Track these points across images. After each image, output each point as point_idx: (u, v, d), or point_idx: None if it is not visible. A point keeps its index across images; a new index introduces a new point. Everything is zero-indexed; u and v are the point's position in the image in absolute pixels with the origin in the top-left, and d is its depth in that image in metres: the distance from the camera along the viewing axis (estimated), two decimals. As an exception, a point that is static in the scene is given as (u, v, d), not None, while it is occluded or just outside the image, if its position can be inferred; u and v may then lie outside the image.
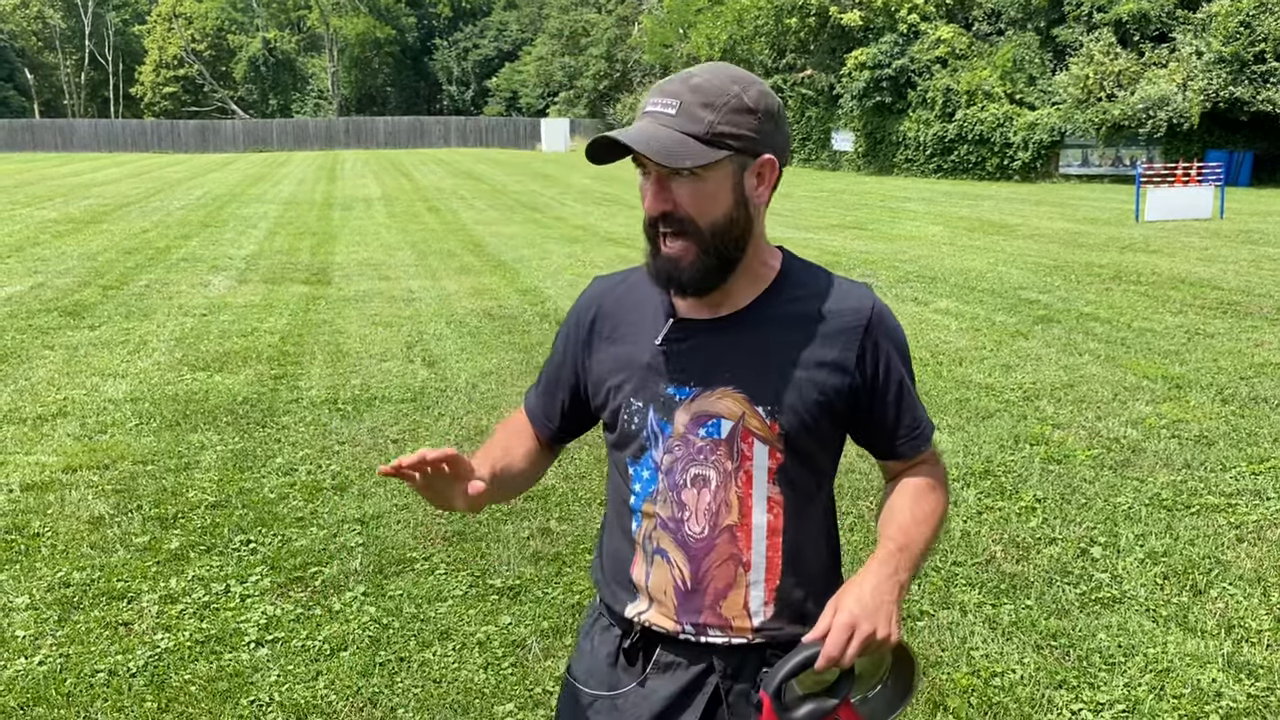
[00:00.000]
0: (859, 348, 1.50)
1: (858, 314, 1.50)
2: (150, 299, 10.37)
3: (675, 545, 1.50)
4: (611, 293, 1.61)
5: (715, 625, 1.51)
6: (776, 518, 1.50)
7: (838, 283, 1.54)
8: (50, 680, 3.35)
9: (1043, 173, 27.56)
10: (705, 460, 1.48)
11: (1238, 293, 9.97)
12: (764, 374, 1.47)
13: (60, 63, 72.22)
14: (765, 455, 1.48)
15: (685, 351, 1.49)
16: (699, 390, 1.48)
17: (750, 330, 1.49)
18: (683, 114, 1.38)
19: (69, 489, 5.06)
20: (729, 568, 1.49)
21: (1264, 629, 3.59)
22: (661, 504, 1.51)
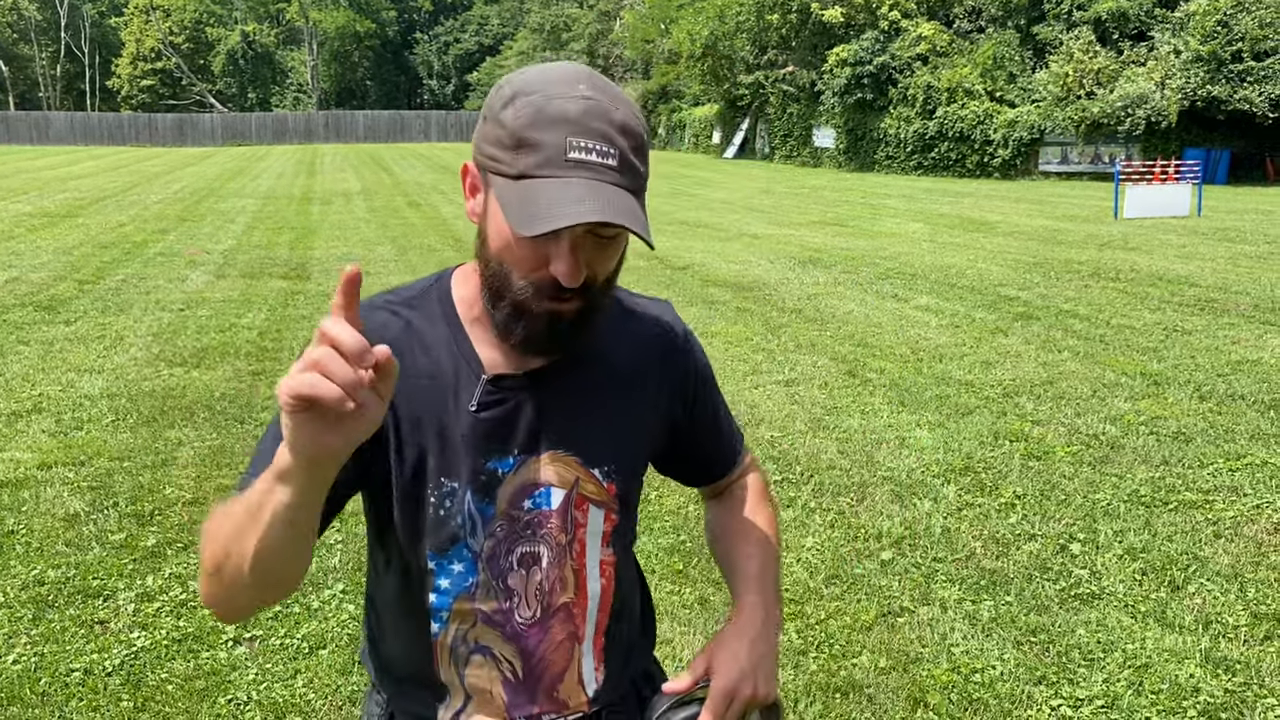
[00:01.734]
0: (677, 377, 1.37)
1: (670, 340, 1.37)
2: (127, 294, 10.27)
3: (503, 639, 1.29)
4: (381, 335, 1.21)
5: (551, 711, 1.33)
6: (609, 580, 1.34)
7: (641, 304, 1.38)
8: (24, 679, 3.31)
9: (1022, 170, 27.70)
10: (534, 536, 1.27)
11: (1215, 290, 10.05)
12: (596, 429, 1.29)
13: (36, 55, 71.49)
14: (600, 520, 1.31)
15: (503, 416, 1.24)
16: (523, 458, 1.25)
17: (574, 378, 1.28)
18: (624, 168, 1.12)
19: (44, 486, 5.00)
20: (565, 648, 1.32)
21: (1241, 624, 3.61)
22: (483, 598, 1.27)
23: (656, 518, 4.57)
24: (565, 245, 1.12)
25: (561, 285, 1.14)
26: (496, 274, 1.18)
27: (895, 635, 3.57)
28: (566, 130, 1.10)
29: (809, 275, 11.34)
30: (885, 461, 5.30)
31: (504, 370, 1.25)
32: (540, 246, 1.13)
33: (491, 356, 1.25)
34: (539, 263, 1.14)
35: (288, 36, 75.68)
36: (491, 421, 1.24)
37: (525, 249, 1.13)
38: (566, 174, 1.09)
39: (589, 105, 1.11)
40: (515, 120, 1.11)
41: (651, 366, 1.34)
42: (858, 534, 4.43)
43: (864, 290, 10.35)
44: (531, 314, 1.17)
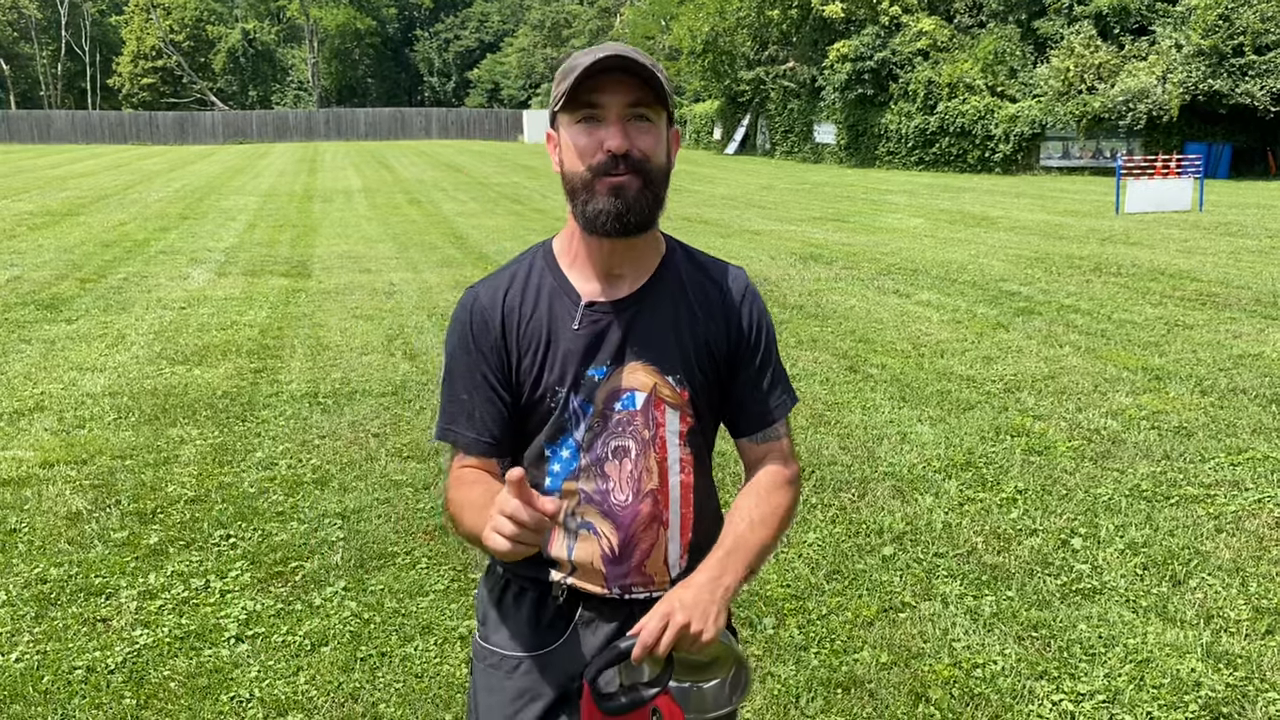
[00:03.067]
0: (739, 316, 1.65)
1: (736, 288, 1.66)
2: (128, 292, 10.28)
3: (601, 516, 1.58)
4: (505, 293, 1.62)
5: (639, 583, 1.61)
6: (689, 476, 1.62)
7: (715, 261, 1.70)
8: (27, 677, 3.32)
9: (1023, 165, 27.66)
10: (624, 432, 1.58)
11: (1217, 284, 10.04)
12: (668, 346, 1.59)
13: (36, 53, 71.47)
14: (676, 420, 1.60)
15: (598, 333, 1.57)
16: (614, 368, 1.57)
17: (651, 307, 1.60)
18: (646, 61, 1.48)
19: (46, 484, 5.01)
20: (653, 530, 1.60)
21: (1242, 619, 3.61)
22: (585, 479, 1.59)
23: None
24: (611, 121, 1.48)
25: (615, 157, 1.47)
26: (571, 181, 1.53)
27: (896, 630, 3.58)
28: (596, 51, 1.48)
29: (810, 271, 11.34)
30: (886, 457, 5.30)
31: (598, 298, 1.59)
32: (595, 136, 1.49)
33: (587, 289, 1.59)
34: (595, 149, 1.49)
35: (288, 34, 75.64)
36: (588, 337, 1.58)
37: (583, 139, 1.50)
38: (589, 56, 1.47)
39: (618, 43, 1.56)
40: (563, 63, 1.52)
41: (717, 307, 1.64)
42: (859, 529, 4.43)
43: (865, 286, 10.34)
44: (600, 193, 1.49)
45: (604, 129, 1.48)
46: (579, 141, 1.50)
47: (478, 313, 1.62)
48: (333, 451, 5.47)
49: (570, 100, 1.48)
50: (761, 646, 3.48)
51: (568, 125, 1.52)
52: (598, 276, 1.60)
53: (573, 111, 1.49)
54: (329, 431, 5.80)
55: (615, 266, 1.59)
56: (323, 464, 5.28)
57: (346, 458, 5.36)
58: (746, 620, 3.66)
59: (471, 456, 1.62)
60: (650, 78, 1.47)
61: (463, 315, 1.64)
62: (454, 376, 1.64)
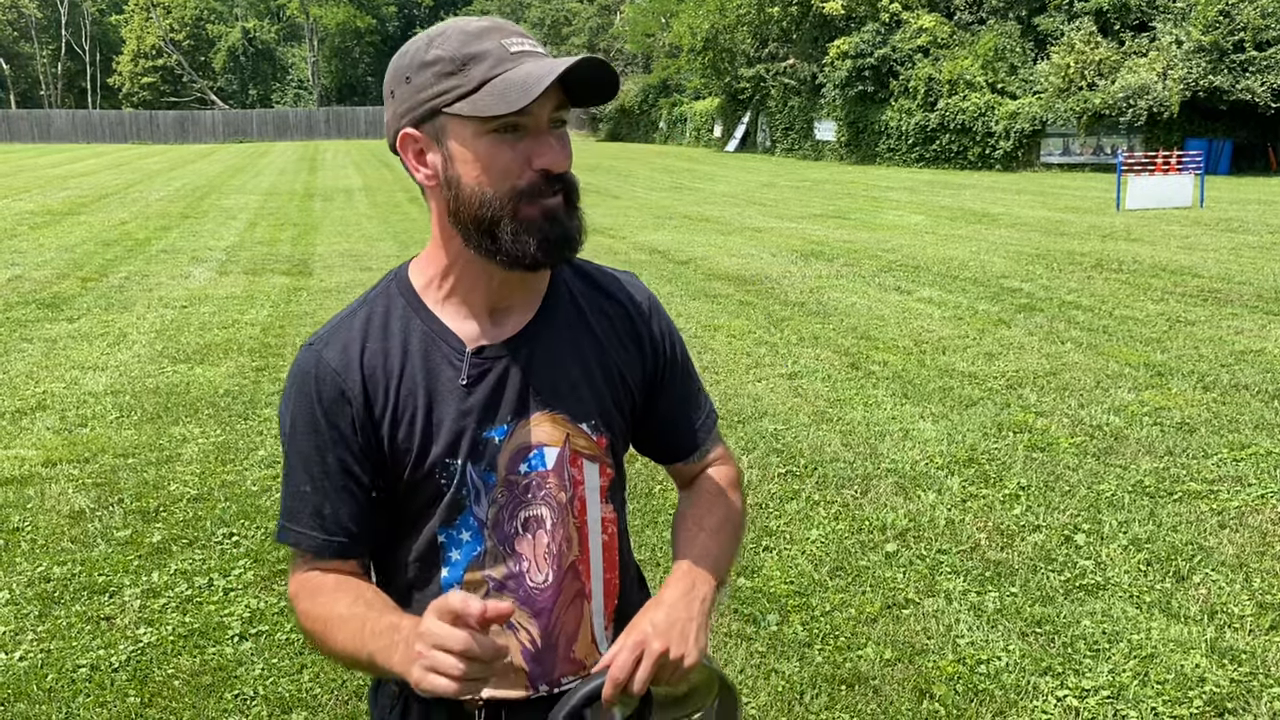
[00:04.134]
0: (650, 334, 1.40)
1: (640, 304, 1.41)
2: (130, 291, 10.28)
3: (517, 605, 1.30)
4: (362, 349, 1.28)
5: (569, 672, 1.35)
6: (611, 537, 1.37)
7: (607, 272, 1.43)
8: (31, 676, 3.32)
9: (1024, 162, 27.64)
10: (535, 499, 1.30)
11: (1218, 280, 10.03)
12: (578, 385, 1.32)
13: (36, 53, 71.45)
14: (596, 474, 1.34)
15: (493, 385, 1.28)
16: (516, 423, 1.29)
17: (549, 342, 1.32)
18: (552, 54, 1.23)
19: (49, 483, 5.01)
20: (576, 607, 1.34)
21: (1246, 614, 3.61)
22: (492, 564, 1.30)
23: (661, 511, 4.57)
24: (544, 134, 1.20)
25: (549, 176, 1.20)
26: (483, 207, 1.21)
27: (900, 627, 3.58)
28: (497, 35, 1.19)
29: (811, 268, 11.33)
30: (889, 454, 5.30)
31: (483, 341, 1.29)
32: (519, 149, 1.19)
33: (468, 331, 1.29)
34: (522, 166, 1.19)
35: (288, 33, 75.60)
36: (482, 392, 1.28)
37: (505, 154, 1.19)
38: (518, 61, 1.17)
39: (494, 19, 1.23)
40: (447, 48, 1.19)
41: (623, 326, 1.38)
42: (862, 526, 4.43)
43: (866, 283, 10.34)
44: (532, 221, 1.20)
45: (530, 141, 1.19)
46: (498, 158, 1.19)
47: (327, 380, 1.27)
48: (335, 449, 5.46)
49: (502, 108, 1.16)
50: (765, 643, 3.48)
51: (472, 134, 1.18)
52: (477, 315, 1.29)
53: (488, 120, 1.17)
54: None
55: (504, 300, 1.30)
56: (325, 462, 5.27)
57: (349, 456, 5.35)
58: (750, 617, 3.66)
59: (322, 560, 1.30)
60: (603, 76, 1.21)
61: (304, 385, 1.28)
62: (295, 465, 1.29)
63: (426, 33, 1.23)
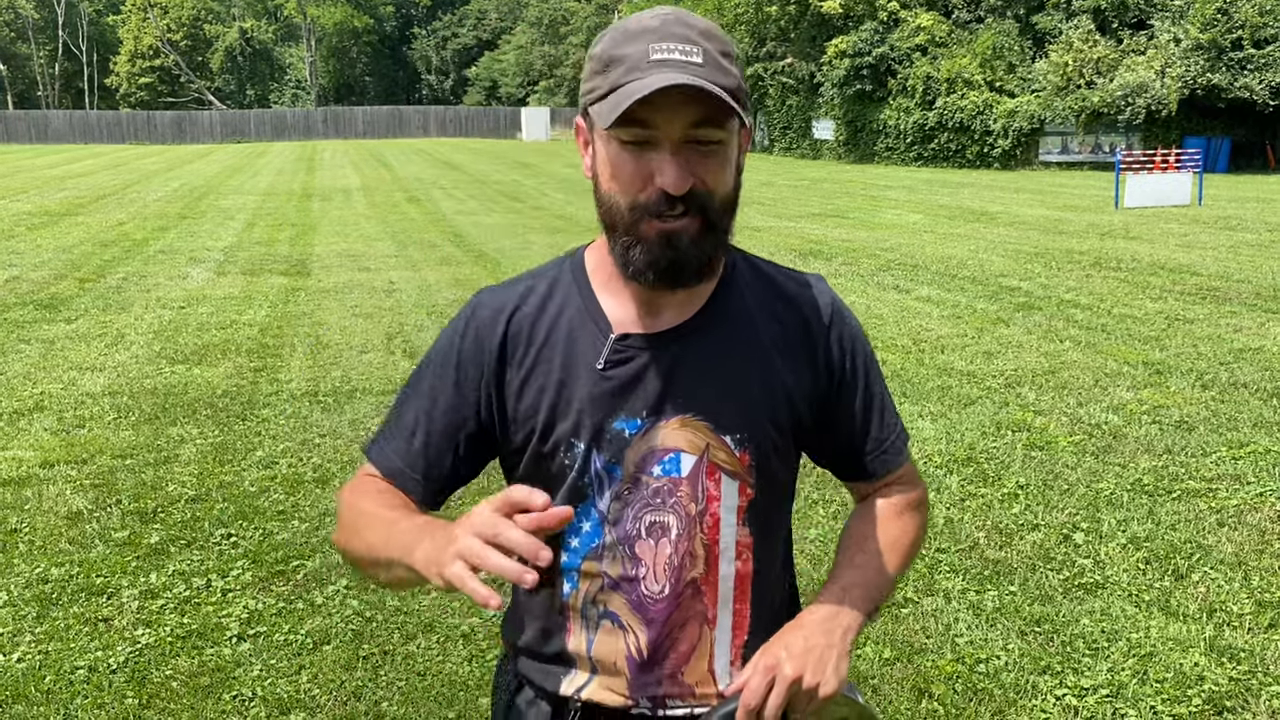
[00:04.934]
0: (827, 345, 1.30)
1: (819, 310, 1.30)
2: (128, 291, 10.27)
3: (629, 608, 1.25)
4: (514, 310, 1.28)
5: (676, 696, 1.27)
6: (745, 564, 1.27)
7: (790, 275, 1.34)
8: (29, 677, 3.31)
9: (1022, 160, 27.66)
10: (663, 504, 1.23)
11: (1216, 278, 10.03)
12: (727, 394, 1.24)
13: (33, 54, 71.40)
14: (734, 492, 1.25)
15: (632, 375, 1.23)
16: (652, 421, 1.23)
17: (705, 341, 1.24)
18: (710, 65, 1.11)
19: (46, 484, 5.00)
20: (693, 628, 1.26)
21: (1245, 612, 3.61)
22: (609, 561, 1.24)
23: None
24: (665, 151, 1.12)
25: (670, 197, 1.13)
26: (610, 208, 1.18)
27: (899, 626, 3.57)
28: (648, 39, 1.12)
29: (810, 267, 11.29)
30: (888, 453, 5.29)
31: (633, 330, 1.24)
32: (643, 162, 1.13)
33: (621, 316, 1.25)
34: (644, 180, 1.14)
35: (286, 33, 75.58)
36: (618, 380, 1.23)
37: (629, 166, 1.14)
38: (648, 71, 1.10)
39: (669, 17, 1.15)
40: (603, 46, 1.16)
41: (794, 335, 1.28)
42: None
43: (865, 282, 10.34)
44: (648, 240, 1.16)
45: (656, 155, 1.13)
46: (622, 166, 1.15)
47: (473, 329, 1.29)
48: (333, 450, 5.46)
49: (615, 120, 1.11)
50: (764, 643, 3.48)
51: (606, 138, 1.16)
52: (636, 302, 1.24)
53: (618, 127, 1.12)
54: (329, 430, 5.79)
55: (660, 293, 1.24)
56: (324, 462, 5.27)
57: (347, 456, 5.35)
58: None
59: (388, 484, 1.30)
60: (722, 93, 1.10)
61: (457, 325, 1.31)
62: (412, 391, 1.31)
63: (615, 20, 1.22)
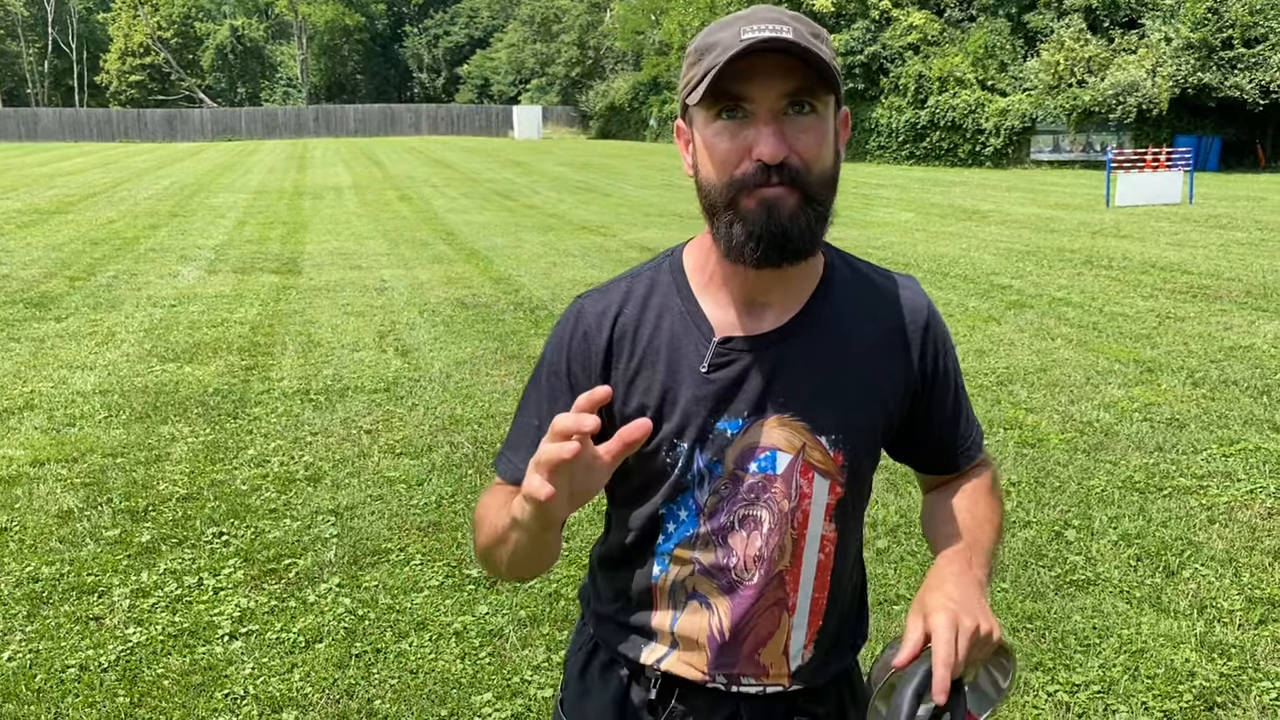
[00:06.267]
0: (921, 348, 1.33)
1: (915, 313, 1.34)
2: (118, 290, 10.24)
3: (718, 592, 1.31)
4: (618, 313, 1.31)
5: (751, 674, 1.33)
6: (828, 556, 1.32)
7: (886, 275, 1.37)
8: (20, 676, 3.30)
9: (1014, 159, 27.72)
10: (757, 500, 1.27)
11: (1207, 277, 10.07)
12: (825, 396, 1.27)
13: (23, 51, 71.11)
14: (825, 491, 1.29)
15: (734, 377, 1.26)
16: (751, 421, 1.26)
17: (804, 343, 1.27)
18: (802, 39, 1.13)
19: (37, 483, 4.98)
20: (774, 614, 1.32)
21: (1235, 609, 3.62)
22: (702, 549, 1.30)
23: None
24: (761, 121, 1.15)
25: (766, 167, 1.15)
26: (709, 195, 1.21)
27: (892, 623, 3.58)
28: (740, 24, 1.15)
29: (802, 265, 11.33)
30: (880, 450, 5.30)
31: (734, 333, 1.27)
32: (740, 139, 1.16)
33: (722, 319, 1.28)
34: (740, 155, 1.16)
35: (277, 30, 75.38)
36: (721, 382, 1.26)
37: (725, 143, 1.17)
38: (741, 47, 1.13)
39: (759, 6, 1.19)
40: (697, 41, 1.20)
41: (890, 337, 1.32)
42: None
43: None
44: (749, 212, 1.18)
45: (752, 128, 1.15)
46: (718, 145, 1.18)
47: (580, 332, 1.31)
48: (325, 448, 5.45)
49: (707, 91, 1.15)
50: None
51: (703, 122, 1.19)
52: (736, 304, 1.27)
53: (710, 105, 1.16)
54: (321, 428, 5.78)
55: (761, 294, 1.27)
56: (315, 461, 5.26)
57: (339, 454, 5.34)
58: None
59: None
60: (816, 59, 1.13)
61: (562, 330, 1.33)
62: (531, 400, 1.34)
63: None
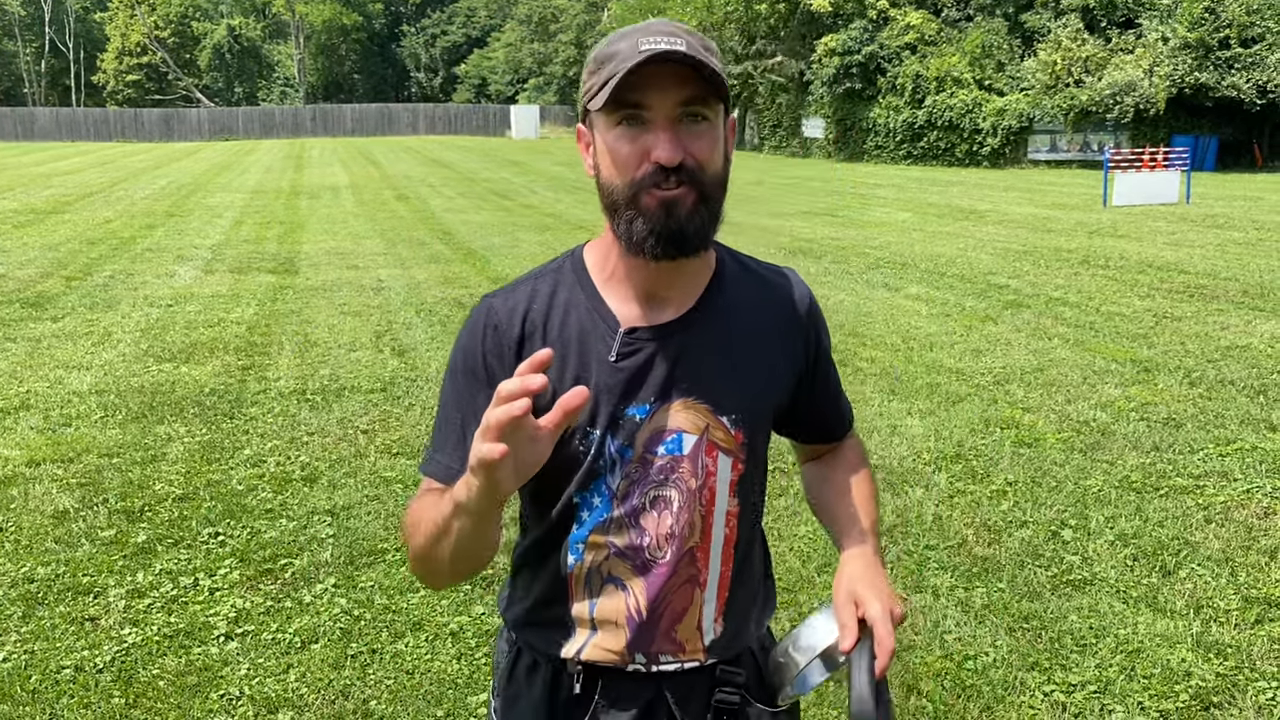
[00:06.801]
0: (805, 336, 1.46)
1: (800, 301, 1.47)
2: (115, 290, 10.22)
3: (633, 573, 1.38)
4: (526, 311, 1.38)
5: (668, 652, 1.41)
6: (732, 531, 1.42)
7: (771, 269, 1.50)
8: (15, 677, 3.29)
9: (1011, 159, 27.73)
10: (666, 480, 1.36)
11: (1204, 276, 10.07)
12: (725, 379, 1.38)
13: (20, 50, 71.00)
14: (728, 468, 1.39)
15: (640, 365, 1.35)
16: (657, 406, 1.35)
17: (702, 331, 1.38)
18: (694, 51, 1.23)
19: (32, 483, 4.97)
20: (686, 590, 1.40)
21: (1232, 609, 3.62)
22: (616, 532, 1.37)
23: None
24: (659, 127, 1.25)
25: (665, 169, 1.24)
26: (611, 195, 1.30)
27: (888, 623, 3.58)
28: (637, 35, 1.26)
29: (799, 265, 11.33)
30: (877, 450, 5.30)
31: (638, 324, 1.36)
32: (639, 142, 1.25)
33: (626, 312, 1.36)
34: (640, 157, 1.26)
35: (274, 30, 75.29)
36: (629, 370, 1.34)
37: (625, 146, 1.26)
38: (640, 58, 1.22)
39: (654, 21, 1.31)
40: (596, 51, 1.30)
41: (780, 323, 1.44)
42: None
43: (854, 280, 10.35)
44: (648, 209, 1.27)
45: (650, 134, 1.25)
46: (619, 149, 1.27)
47: (491, 325, 1.38)
48: (321, 448, 5.45)
49: (610, 99, 1.24)
50: (753, 640, 3.48)
51: (605, 126, 1.28)
52: (638, 298, 1.37)
53: (611, 111, 1.26)
54: (317, 428, 5.77)
55: (661, 289, 1.36)
56: (311, 461, 5.25)
57: (335, 454, 5.34)
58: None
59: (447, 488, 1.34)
60: (709, 71, 1.23)
61: (473, 329, 1.40)
62: (450, 399, 1.40)
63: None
